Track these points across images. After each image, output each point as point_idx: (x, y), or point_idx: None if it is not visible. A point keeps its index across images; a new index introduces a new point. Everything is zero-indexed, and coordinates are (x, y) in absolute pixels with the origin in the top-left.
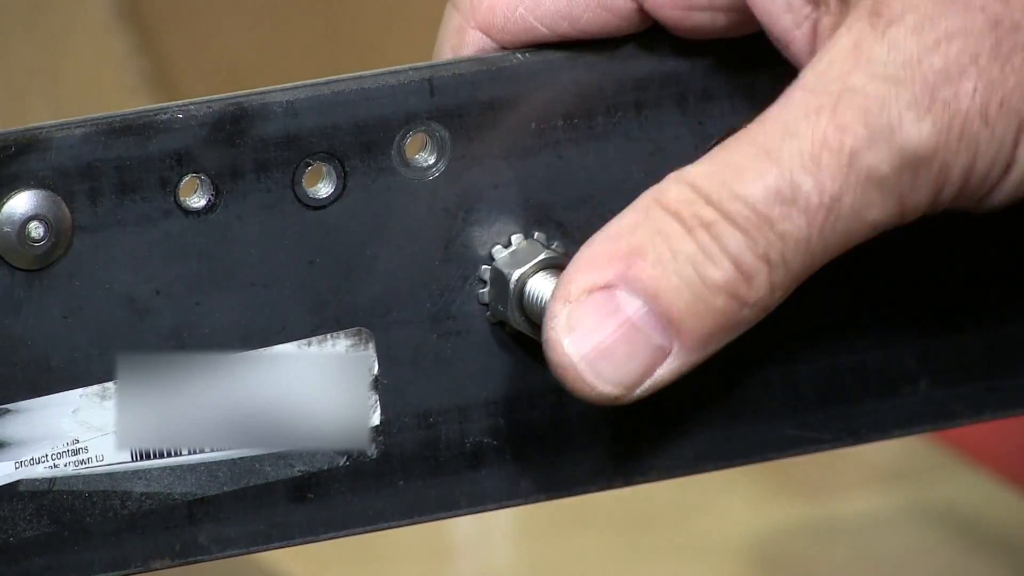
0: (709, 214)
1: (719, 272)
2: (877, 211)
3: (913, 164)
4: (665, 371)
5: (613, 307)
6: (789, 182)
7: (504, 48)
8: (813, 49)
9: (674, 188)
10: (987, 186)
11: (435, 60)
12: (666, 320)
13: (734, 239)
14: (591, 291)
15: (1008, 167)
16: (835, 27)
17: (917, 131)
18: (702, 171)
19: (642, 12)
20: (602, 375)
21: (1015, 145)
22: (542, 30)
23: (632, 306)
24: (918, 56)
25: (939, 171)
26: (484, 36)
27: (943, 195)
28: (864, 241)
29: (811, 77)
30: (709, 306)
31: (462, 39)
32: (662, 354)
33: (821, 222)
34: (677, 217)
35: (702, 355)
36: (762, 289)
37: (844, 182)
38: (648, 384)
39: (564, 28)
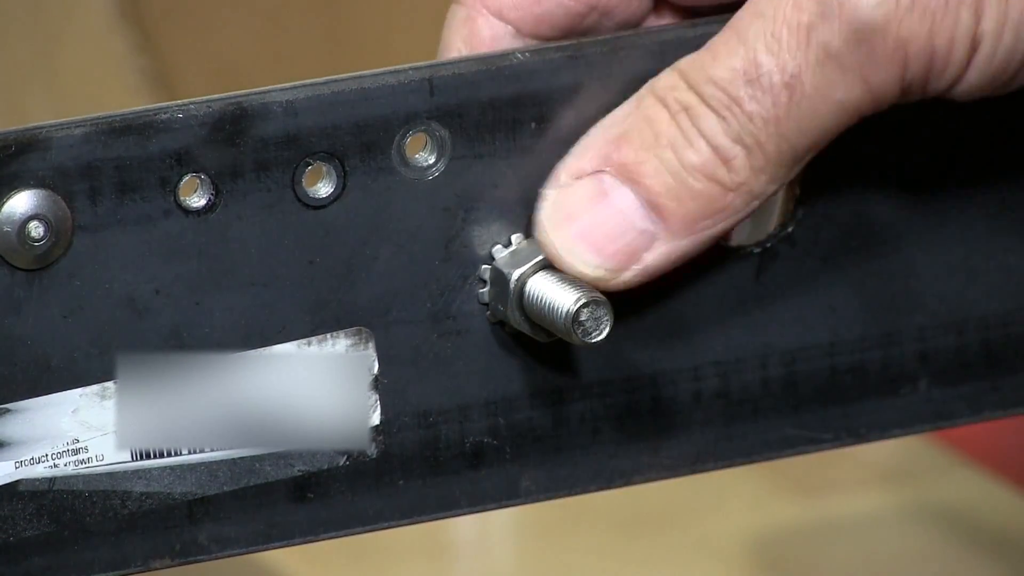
0: (689, 98)
1: (696, 155)
2: (841, 90)
3: (865, 37)
4: (653, 256)
5: (598, 191)
6: (753, 62)
7: (519, 31)
8: None
9: (665, 75)
10: (955, 65)
11: (440, 59)
12: (649, 203)
13: (709, 121)
14: (579, 176)
15: (975, 44)
16: None
17: (865, 2)
18: (690, 57)
19: None
20: (582, 257)
21: (977, 20)
22: (549, 4)
23: (617, 190)
24: None
25: (895, 45)
26: (496, 20)
27: (908, 73)
28: (845, 125)
29: None
30: (690, 189)
31: (473, 28)
32: (648, 238)
33: (786, 102)
34: (663, 103)
35: (691, 242)
36: (742, 173)
37: (803, 60)
38: (637, 268)
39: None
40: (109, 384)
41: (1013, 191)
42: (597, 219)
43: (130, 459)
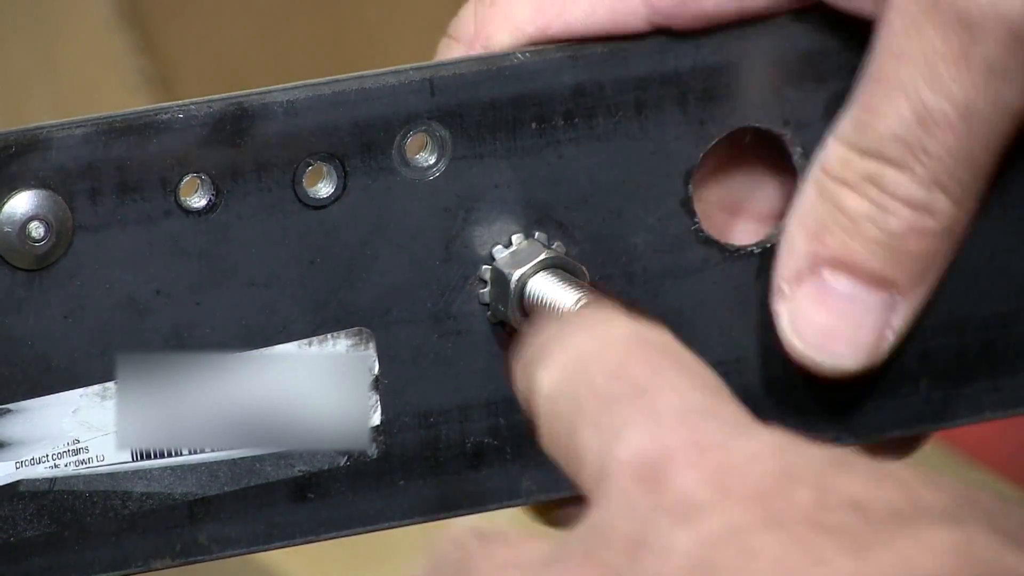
0: (867, 166)
1: (897, 220)
2: (1010, 95)
3: (1020, 37)
4: (900, 319)
5: (824, 291)
6: (920, 103)
7: None
8: None
9: (832, 152)
10: None
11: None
12: (875, 282)
13: (897, 180)
14: (799, 281)
15: None
16: None
17: (1012, 8)
18: (846, 124)
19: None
20: (837, 355)
21: None
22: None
23: (840, 283)
24: None
25: None
26: None
27: None
28: (1021, 123)
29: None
30: (907, 252)
31: None
32: (888, 307)
33: (966, 129)
34: (843, 182)
35: (928, 287)
36: (947, 211)
37: (968, 83)
38: (891, 338)
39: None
40: (110, 384)
41: (1014, 192)
42: (837, 317)
43: (131, 459)
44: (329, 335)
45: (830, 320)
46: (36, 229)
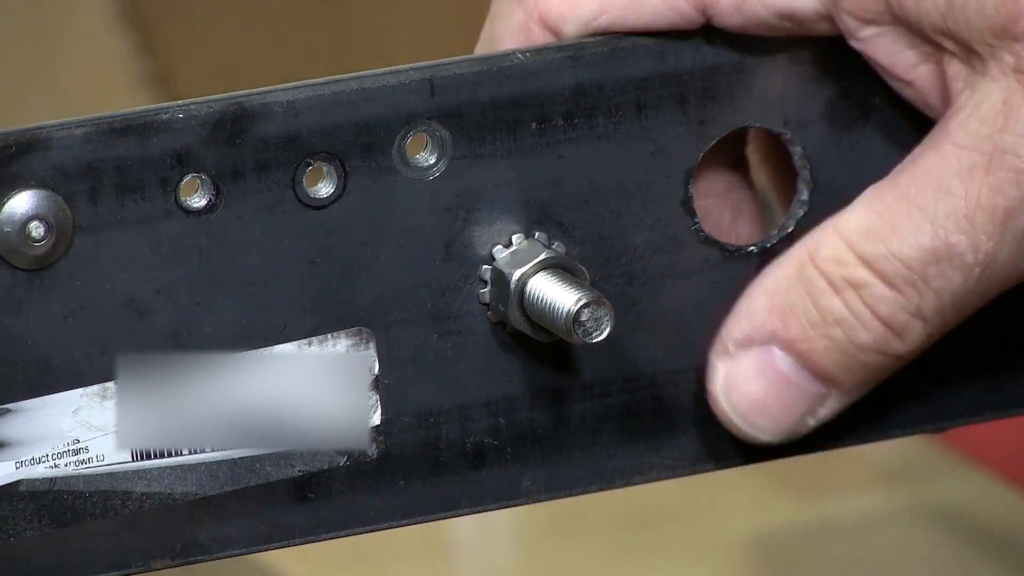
0: (861, 275)
1: (868, 335)
2: None
3: None
4: (826, 411)
5: (769, 366)
6: (944, 241)
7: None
8: (944, 95)
9: (829, 244)
10: None
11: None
12: (820, 377)
13: (886, 301)
14: (746, 346)
15: None
16: (967, 76)
17: None
18: (857, 226)
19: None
20: (761, 427)
21: None
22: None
23: (787, 366)
24: None
25: None
26: (551, 36)
27: None
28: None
29: (961, 135)
30: (863, 364)
31: (529, 38)
32: (820, 399)
33: (976, 278)
34: (828, 279)
35: (861, 394)
36: (916, 341)
37: (999, 240)
38: (812, 424)
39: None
40: (110, 384)
41: None
42: (771, 392)
43: (131, 459)
44: (329, 335)
45: (763, 393)
46: (36, 229)
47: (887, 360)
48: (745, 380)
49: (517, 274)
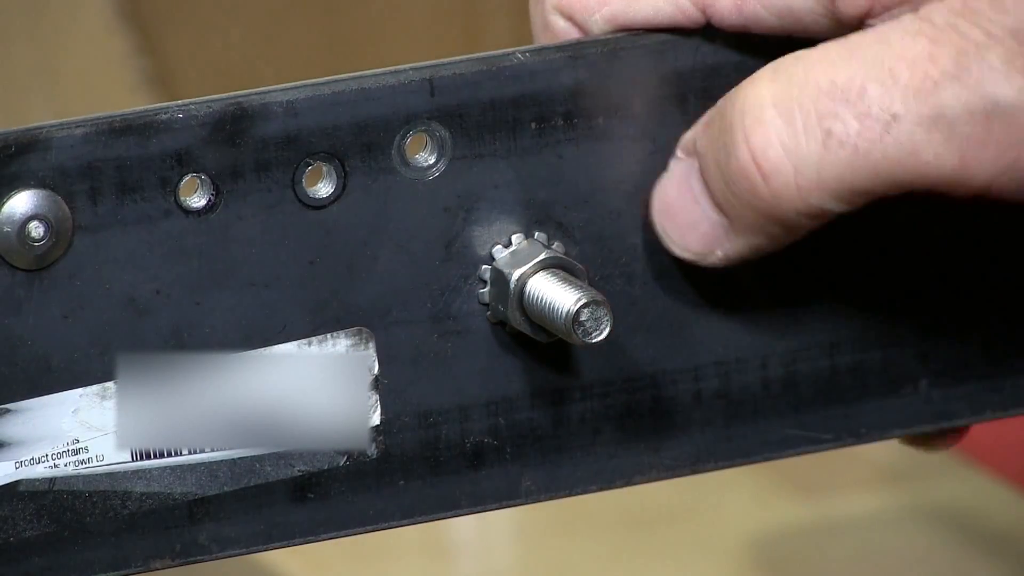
0: (760, 93)
1: (735, 160)
2: (932, 155)
3: (990, 114)
4: (730, 247)
5: (687, 173)
6: (858, 84)
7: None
8: None
9: (766, 68)
10: None
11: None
12: (712, 199)
13: (770, 126)
14: (687, 154)
15: None
16: None
17: (1007, 85)
18: (796, 53)
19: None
20: (667, 233)
21: None
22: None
23: (696, 179)
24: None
25: (1016, 134)
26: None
27: (1010, 172)
28: (913, 187)
29: (925, 6)
30: (734, 193)
31: (554, 35)
32: (721, 229)
33: (872, 138)
34: (735, 92)
35: (763, 241)
36: (782, 190)
37: (912, 107)
38: (718, 255)
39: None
40: (109, 384)
41: None
42: (683, 204)
43: (130, 459)
44: (329, 335)
45: (677, 203)
46: (36, 229)
47: (756, 201)
48: (670, 184)
49: (517, 274)
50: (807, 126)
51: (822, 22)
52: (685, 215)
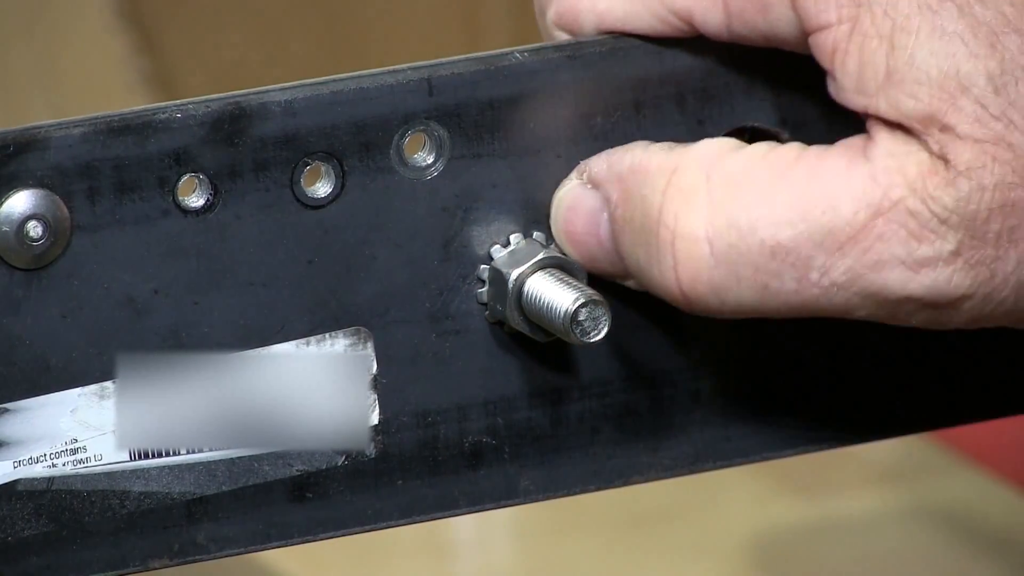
0: (695, 228)
1: (660, 277)
2: (864, 314)
3: (928, 303)
4: (634, 284)
5: (597, 215)
6: (805, 251)
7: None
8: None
9: (691, 175)
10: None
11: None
12: (621, 261)
13: (699, 263)
14: (595, 186)
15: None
16: (890, 131)
17: (950, 279)
18: (730, 173)
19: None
20: (573, 254)
21: None
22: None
23: (606, 227)
24: (975, 214)
25: (949, 315)
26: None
27: (935, 324)
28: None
29: (881, 167)
30: (650, 283)
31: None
32: (625, 273)
33: (806, 297)
34: (661, 204)
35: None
36: (702, 310)
37: (853, 281)
38: (626, 282)
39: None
40: (108, 384)
41: None
42: (587, 238)
43: (129, 459)
44: (327, 335)
45: (582, 234)
46: (34, 228)
47: (672, 299)
48: (575, 212)
49: (515, 274)
50: (742, 279)
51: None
52: (588, 248)
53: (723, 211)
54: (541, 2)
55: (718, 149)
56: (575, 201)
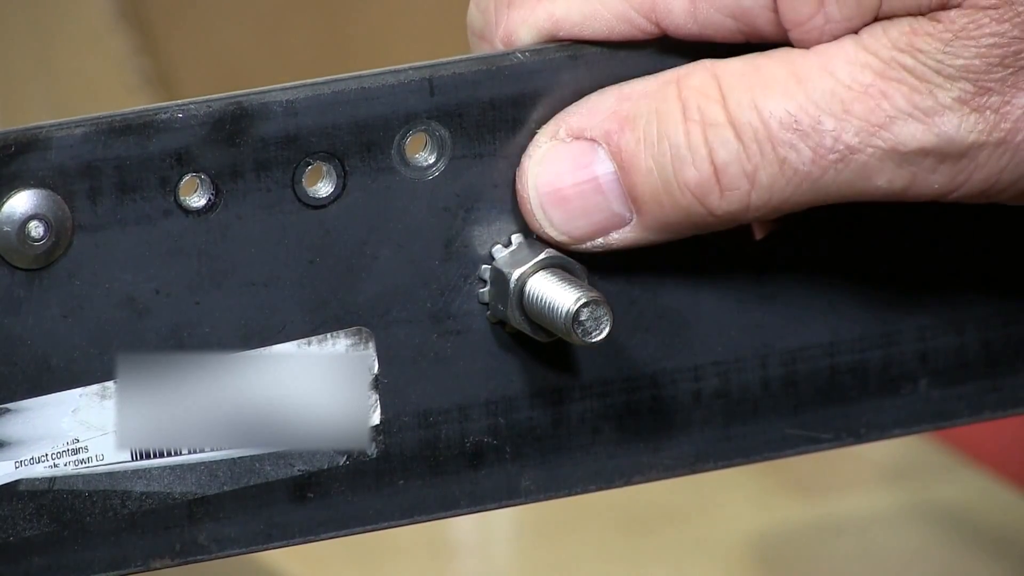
0: (716, 114)
1: (694, 173)
2: (885, 180)
3: (944, 150)
4: (619, 237)
5: (588, 161)
6: (812, 115)
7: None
8: None
9: (698, 75)
10: (1010, 193)
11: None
12: (631, 195)
13: (727, 147)
14: (577, 136)
15: None
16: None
17: (963, 125)
18: (733, 69)
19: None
20: (551, 219)
21: None
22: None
23: (604, 168)
24: (973, 64)
25: (967, 165)
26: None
27: (958, 192)
28: (862, 199)
29: (868, 38)
30: (674, 200)
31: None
32: (620, 221)
33: (825, 165)
34: (683, 103)
35: (660, 238)
36: (734, 204)
37: (867, 140)
38: (599, 243)
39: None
40: (109, 384)
41: None
42: (578, 190)
43: (130, 459)
44: (328, 335)
45: (570, 188)
46: (35, 229)
47: (698, 209)
48: (560, 167)
49: (516, 274)
50: (764, 153)
51: (772, 26)
52: (580, 203)
53: (736, 97)
54: (487, 12)
55: (711, 59)
56: (557, 156)
